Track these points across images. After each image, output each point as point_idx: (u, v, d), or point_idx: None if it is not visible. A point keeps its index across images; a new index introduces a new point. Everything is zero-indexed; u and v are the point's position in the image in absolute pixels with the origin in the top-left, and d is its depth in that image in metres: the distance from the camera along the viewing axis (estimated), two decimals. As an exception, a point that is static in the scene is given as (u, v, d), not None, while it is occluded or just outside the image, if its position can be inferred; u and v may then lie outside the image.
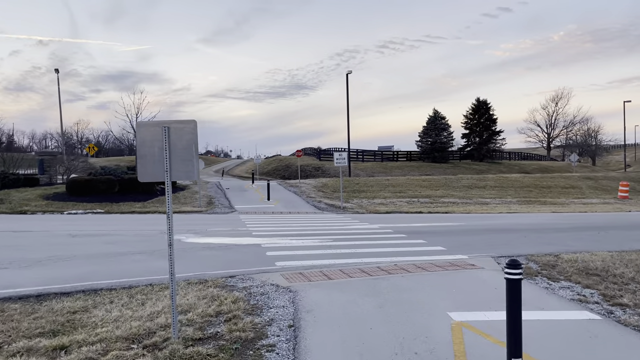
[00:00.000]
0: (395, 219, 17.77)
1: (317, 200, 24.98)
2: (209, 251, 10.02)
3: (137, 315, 5.93)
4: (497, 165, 56.70)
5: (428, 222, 15.97)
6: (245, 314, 5.87)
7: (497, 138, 60.34)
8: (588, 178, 35.61)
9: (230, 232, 12.92)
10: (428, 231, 13.29)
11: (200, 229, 13.53)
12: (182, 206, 21.82)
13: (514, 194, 29.50)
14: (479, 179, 33.44)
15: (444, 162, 54.64)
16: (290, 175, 46.64)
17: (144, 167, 5.28)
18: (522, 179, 33.85)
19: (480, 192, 29.67)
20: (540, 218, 18.12)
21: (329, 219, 17.68)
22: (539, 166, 61.39)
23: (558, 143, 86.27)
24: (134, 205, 21.42)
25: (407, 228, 14.03)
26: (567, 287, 7.04)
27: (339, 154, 22.72)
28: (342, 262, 8.88)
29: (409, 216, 19.00)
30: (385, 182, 31.74)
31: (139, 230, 13.45)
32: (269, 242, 11.10)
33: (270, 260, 9.05)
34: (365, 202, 25.33)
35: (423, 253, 9.80)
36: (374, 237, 12.01)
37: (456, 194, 28.83)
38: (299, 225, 14.99)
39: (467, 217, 18.47)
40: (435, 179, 33.35)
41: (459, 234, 12.62)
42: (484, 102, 60.26)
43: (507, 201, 26.81)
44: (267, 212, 20.27)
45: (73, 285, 7.28)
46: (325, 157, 50.91)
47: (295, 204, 23.54)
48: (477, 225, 15.16)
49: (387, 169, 46.37)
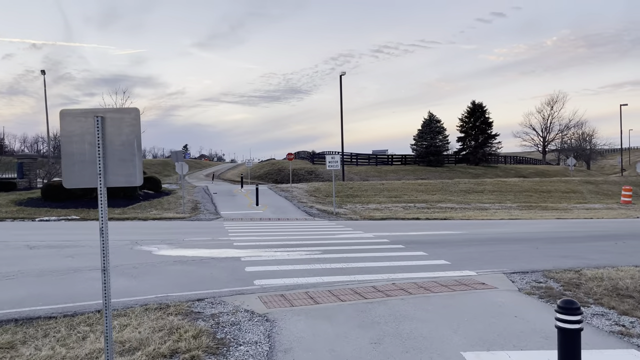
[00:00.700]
0: (391, 226, 16.58)
1: (309, 206, 23.76)
2: (180, 266, 8.77)
3: (72, 355, 4.69)
4: (493, 169, 55.79)
5: (427, 230, 14.80)
6: (206, 355, 4.65)
7: (492, 142, 59.45)
8: (588, 182, 34.63)
9: (209, 243, 11.67)
10: (428, 241, 12.10)
11: (177, 239, 12.27)
12: (164, 212, 20.52)
13: (514, 199, 28.43)
14: (477, 183, 32.36)
15: (440, 165, 53.63)
16: (283, 179, 45.40)
17: (69, 169, 4.06)
18: (521, 183, 32.81)
19: (479, 197, 28.58)
20: (546, 225, 16.99)
21: (320, 226, 16.47)
22: (536, 170, 60.55)
23: (553, 147, 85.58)
24: (112, 211, 20.09)
25: (405, 237, 12.83)
26: (600, 313, 5.86)
27: (332, 157, 21.54)
28: (331, 280, 7.67)
29: (406, 223, 17.82)
30: (380, 187, 30.58)
31: (109, 240, 12.14)
32: (250, 255, 9.87)
33: (248, 278, 7.82)
34: (359, 208, 24.15)
35: (424, 268, 8.61)
36: (369, 248, 10.80)
37: (454, 199, 27.72)
38: (287, 233, 13.77)
39: (467, 225, 17.32)
40: (432, 183, 32.24)
41: (462, 245, 11.44)
42: (479, 105, 59.41)
43: (507, 206, 25.72)
44: (254, 218, 19.02)
45: (5, 312, 6.02)
46: (319, 160, 49.74)
47: (285, 209, 22.31)
48: (480, 234, 14.00)
49: (382, 173, 45.26)
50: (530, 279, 7.71)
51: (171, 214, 19.91)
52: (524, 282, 7.46)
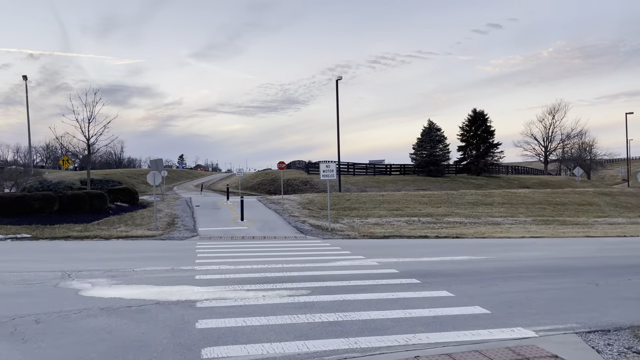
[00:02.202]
0: (397, 247, 13.96)
1: (301, 221, 21.11)
2: (105, 319, 6.10)
3: None
4: (496, 180, 53.39)
5: (442, 254, 12.17)
6: None
7: (494, 151, 57.14)
8: (604, 194, 32.15)
9: (164, 276, 8.98)
10: (448, 272, 9.47)
11: (126, 269, 9.57)
12: (134, 229, 17.82)
13: (526, 212, 25.87)
14: (485, 195, 29.80)
15: (440, 175, 51.17)
16: (277, 190, 42.72)
17: None
18: (532, 195, 30.27)
19: (488, 210, 26.00)
20: (582, 247, 14.39)
21: (312, 248, 13.82)
22: (539, 180, 58.20)
23: (554, 157, 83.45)
24: (72, 228, 17.38)
25: (418, 266, 10.20)
26: None
27: (326, 166, 18.95)
28: (321, 349, 5.03)
29: (414, 243, 15.21)
30: (380, 198, 27.96)
31: (37, 270, 9.44)
32: (211, 298, 7.20)
33: (196, 343, 5.17)
34: (358, 222, 21.53)
35: (456, 322, 5.98)
36: (374, 285, 8.16)
37: (461, 212, 25.14)
38: (269, 259, 11.12)
39: (486, 246, 14.74)
40: (436, 195, 29.64)
41: (494, 278, 8.80)
42: (480, 113, 57.22)
43: (521, 221, 23.15)
44: (235, 236, 16.34)
45: None
46: (314, 170, 47.13)
47: (273, 225, 19.64)
48: (508, 259, 11.38)
49: (380, 183, 42.70)
50: (619, 344, 5.12)
51: (141, 231, 17.22)
52: (614, 352, 4.86)
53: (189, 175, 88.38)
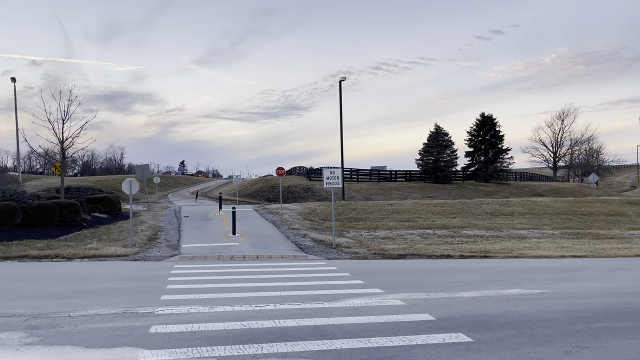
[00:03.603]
0: (418, 272, 11.41)
1: (302, 234, 18.57)
2: None
3: None
4: (506, 187, 50.84)
5: (481, 286, 9.61)
6: None
7: (504, 157, 54.66)
8: (631, 203, 29.56)
9: (105, 328, 6.41)
10: (504, 320, 6.88)
11: (60, 312, 7.01)
12: (107, 246, 15.28)
13: (551, 223, 23.33)
14: (503, 204, 27.24)
15: (448, 182, 48.67)
16: (277, 198, 40.17)
17: None
18: (555, 204, 27.70)
19: (509, 221, 23.46)
20: None
21: (314, 273, 11.27)
22: (551, 188, 55.64)
23: (562, 163, 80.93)
24: (32, 245, 14.85)
25: (457, 307, 7.63)
26: None
27: (330, 172, 16.43)
28: None
29: (438, 266, 12.65)
30: (389, 208, 25.42)
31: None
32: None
33: None
34: (365, 236, 19.00)
35: None
36: (406, 349, 5.60)
37: (479, 224, 22.60)
38: (258, 296, 8.58)
39: (527, 270, 12.20)
40: (449, 204, 27.09)
41: (575, 333, 6.23)
42: (489, 117, 54.75)
43: (548, 234, 20.59)
44: (223, 256, 13.80)
45: None
46: (316, 176, 44.64)
47: (269, 240, 17.10)
48: (572, 294, 8.79)
49: (386, 191, 40.18)
50: None
51: (113, 249, 14.68)
52: None
53: (186, 181, 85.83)
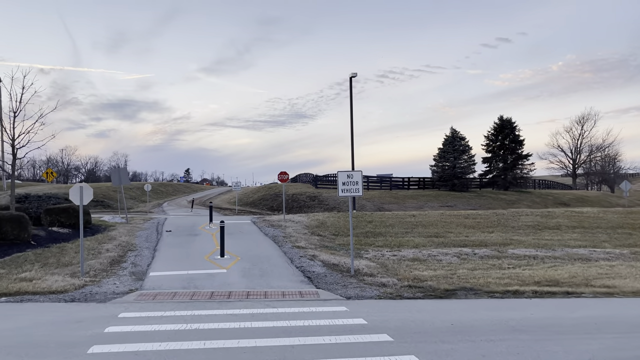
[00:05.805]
0: (493, 329, 7.35)
1: (309, 255, 14.57)
2: None
3: None
4: (528, 195, 46.69)
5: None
6: None
7: (524, 163, 50.52)
8: (691, 213, 25.43)
9: None
10: None
11: None
12: (49, 274, 11.31)
13: (609, 240, 19.24)
14: (544, 216, 23.17)
15: (465, 190, 44.62)
16: (280, 207, 36.26)
17: None
18: (605, 216, 23.61)
19: (558, 237, 19.38)
20: None
21: (327, 333, 7.25)
22: (575, 196, 51.38)
23: (580, 171, 76.69)
24: (-57, 273, 10.92)
25: None
26: None
27: (348, 176, 12.43)
28: None
29: (512, 312, 8.58)
30: (411, 220, 21.39)
31: None
32: None
33: None
34: (389, 256, 14.99)
35: None
36: None
37: (523, 240, 18.54)
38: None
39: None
40: (481, 216, 23.03)
41: None
42: (508, 120, 50.70)
43: (616, 254, 16.49)
44: (200, 293, 9.80)
45: None
46: (323, 184, 40.74)
47: (267, 265, 13.10)
48: None
49: (399, 199, 36.19)
50: None
51: (53, 279, 10.71)
52: None
53: (186, 189, 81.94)
